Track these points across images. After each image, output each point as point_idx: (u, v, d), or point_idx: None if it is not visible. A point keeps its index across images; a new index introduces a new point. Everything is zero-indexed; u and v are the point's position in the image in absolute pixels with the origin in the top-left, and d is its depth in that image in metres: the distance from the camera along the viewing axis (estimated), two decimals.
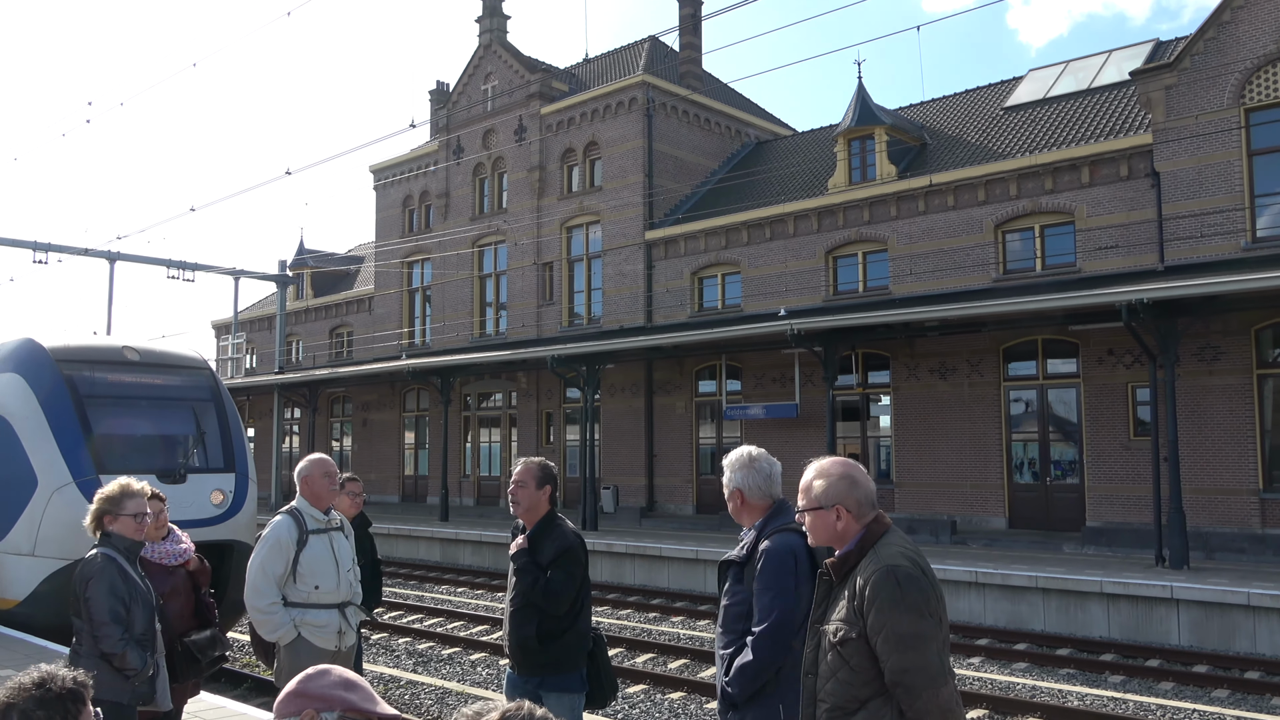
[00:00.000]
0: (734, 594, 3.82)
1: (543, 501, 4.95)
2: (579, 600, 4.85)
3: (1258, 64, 17.81)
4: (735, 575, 3.86)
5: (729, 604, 3.84)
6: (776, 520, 3.83)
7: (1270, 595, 12.34)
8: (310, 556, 5.38)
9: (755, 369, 24.50)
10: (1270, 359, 17.76)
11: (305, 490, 5.53)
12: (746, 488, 3.91)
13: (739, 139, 31.21)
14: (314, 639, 5.33)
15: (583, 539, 4.99)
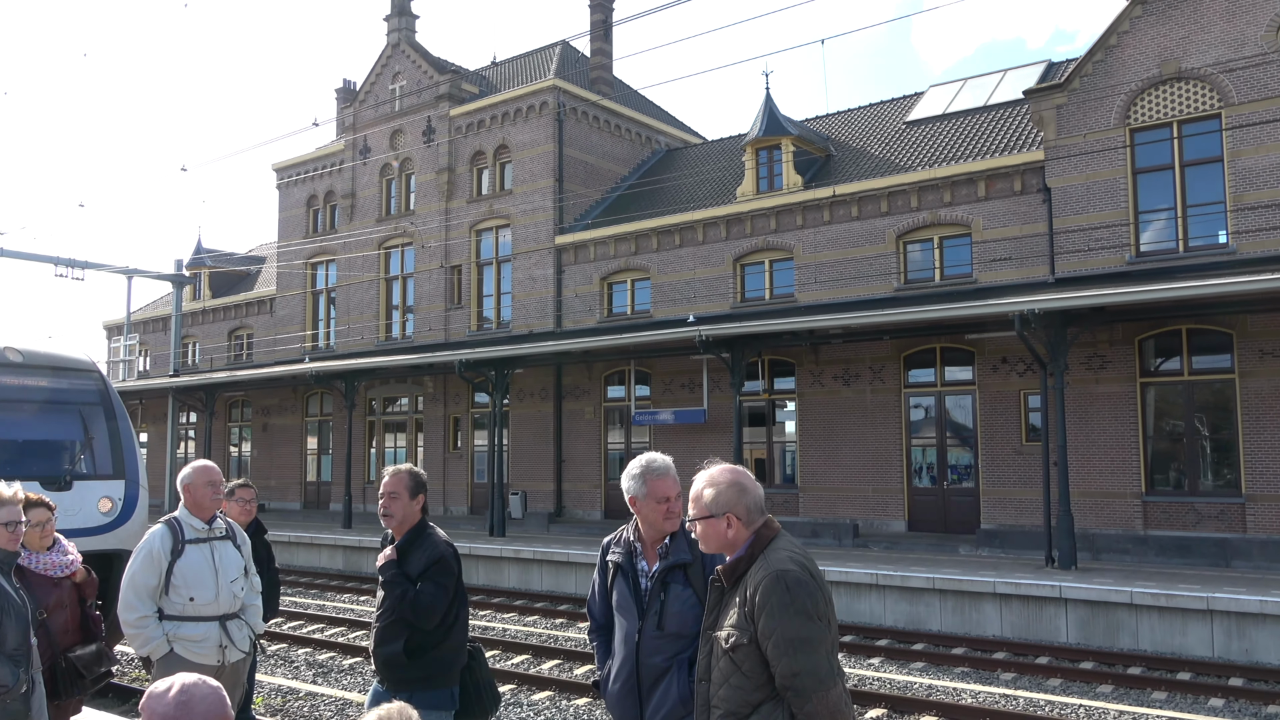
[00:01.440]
0: (684, 599, 3.79)
1: (415, 511, 4.79)
2: (452, 613, 4.71)
3: (1141, 87, 18.68)
4: (681, 579, 3.82)
5: (680, 609, 3.79)
6: None
7: (1151, 594, 12.93)
8: (186, 567, 5.16)
9: (664, 375, 24.66)
10: (1153, 368, 18.63)
11: (187, 499, 5.32)
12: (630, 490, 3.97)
13: (649, 146, 31.40)
14: (190, 654, 5.10)
15: (454, 548, 4.84)
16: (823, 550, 18.79)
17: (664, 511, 3.82)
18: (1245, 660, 12.13)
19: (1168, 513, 17.97)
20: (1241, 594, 12.62)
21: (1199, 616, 12.63)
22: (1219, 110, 17.92)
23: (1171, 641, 12.78)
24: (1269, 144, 17.33)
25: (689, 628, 3.73)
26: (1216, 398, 17.94)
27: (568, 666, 11.92)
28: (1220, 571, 15.53)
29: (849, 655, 12.64)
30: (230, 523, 5.62)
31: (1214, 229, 18.02)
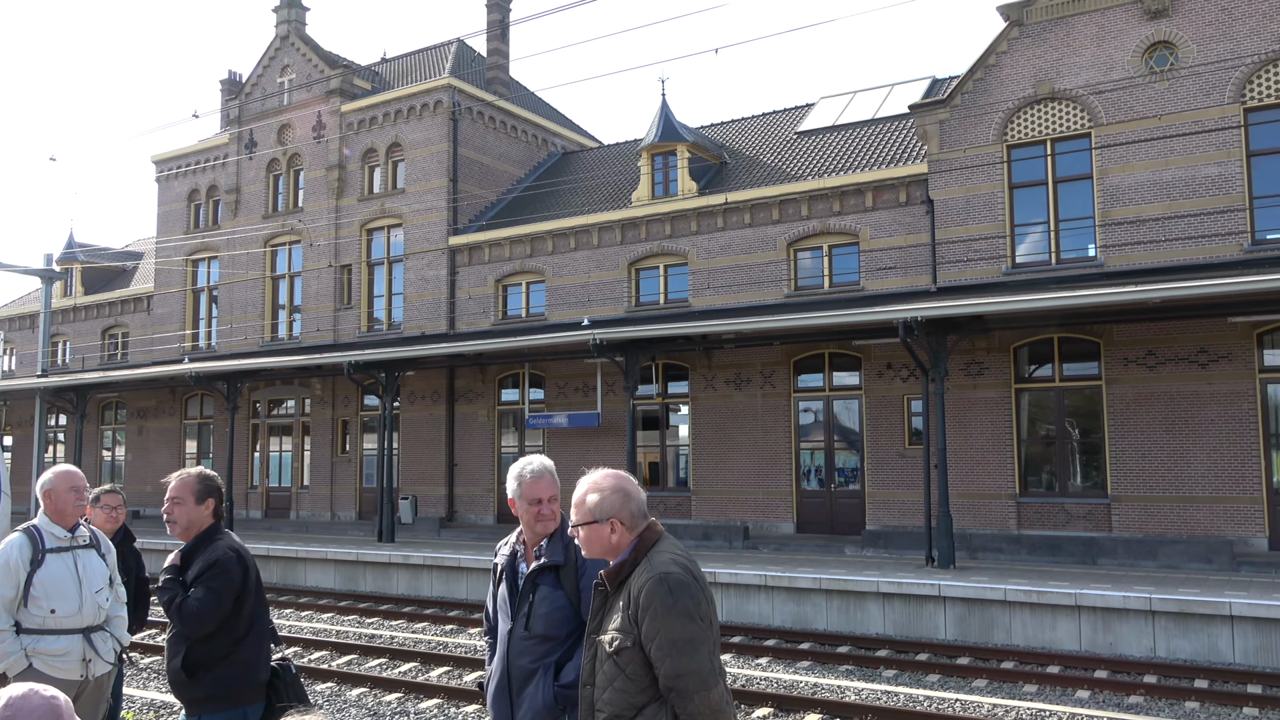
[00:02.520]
0: (553, 600, 3.79)
1: (204, 517, 4.49)
2: (242, 624, 4.33)
3: (1018, 105, 19.51)
4: (551, 581, 3.83)
5: (549, 610, 3.79)
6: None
7: (1023, 591, 13.49)
8: (46, 578, 4.90)
9: (558, 378, 24.61)
10: (1027, 375, 19.45)
11: (48, 505, 5.06)
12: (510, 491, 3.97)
13: (546, 148, 31.30)
14: (50, 669, 4.82)
15: (239, 554, 4.43)
16: (714, 552, 19.02)
17: (535, 514, 3.83)
18: (1110, 653, 12.76)
19: (1040, 513, 18.79)
20: (1107, 590, 13.27)
21: (1068, 612, 13.24)
22: (1089, 130, 18.85)
23: (1042, 636, 13.36)
24: (1135, 163, 18.30)
25: (556, 630, 3.74)
26: (1085, 403, 18.85)
27: (457, 673, 11.77)
28: (1088, 569, 16.30)
29: (738, 656, 12.82)
30: (95, 531, 5.37)
31: (1084, 243, 18.93)
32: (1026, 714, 9.56)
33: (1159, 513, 17.74)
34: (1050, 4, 19.35)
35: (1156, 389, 17.88)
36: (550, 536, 3.86)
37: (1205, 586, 13.67)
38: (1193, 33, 18.10)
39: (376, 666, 12.18)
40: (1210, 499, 17.35)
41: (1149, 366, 17.96)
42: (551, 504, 3.87)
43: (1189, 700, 10.38)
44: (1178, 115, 18.02)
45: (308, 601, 17.43)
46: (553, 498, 3.87)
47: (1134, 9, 18.59)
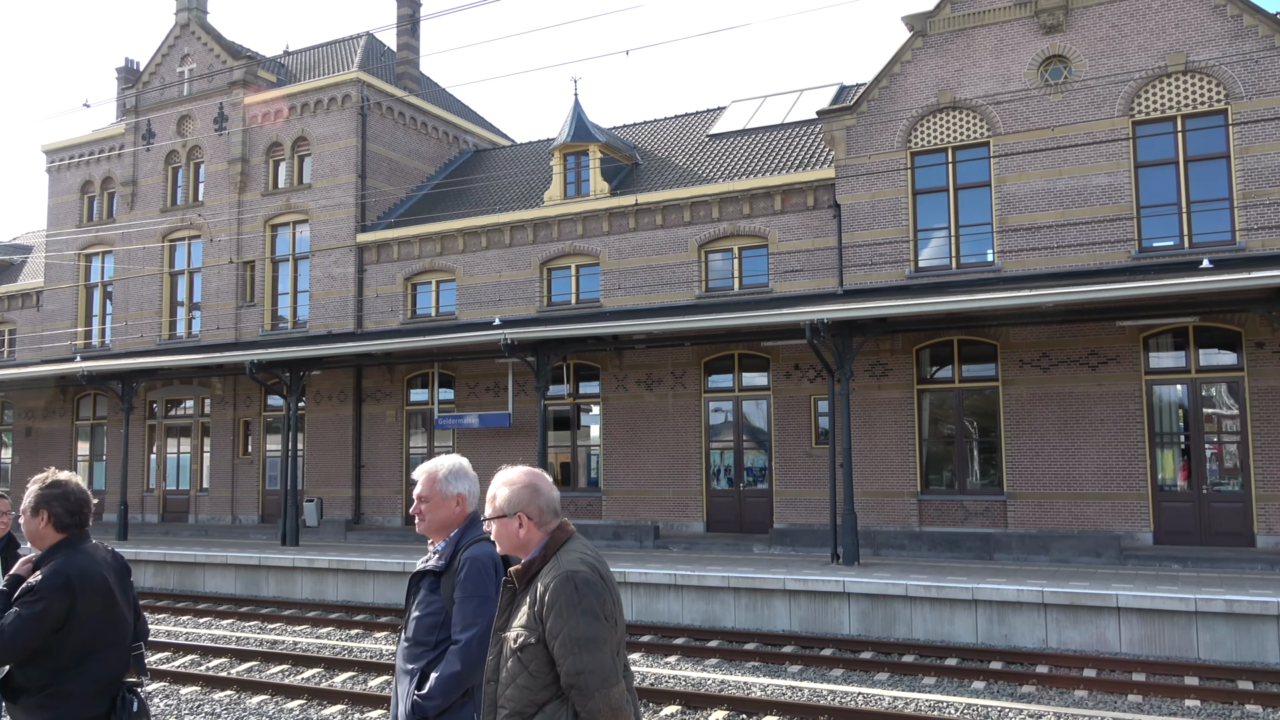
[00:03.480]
0: (429, 605, 3.78)
1: (45, 531, 4.02)
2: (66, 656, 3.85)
3: (922, 113, 20.05)
4: (431, 586, 3.81)
5: (422, 615, 3.78)
6: (474, 530, 3.85)
7: (924, 586, 13.88)
8: None
9: (469, 378, 24.38)
10: (929, 376, 20.00)
11: None
12: (470, 495, 3.91)
13: (457, 145, 30.98)
14: None
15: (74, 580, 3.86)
16: (625, 552, 19.08)
17: (414, 511, 3.88)
18: (1004, 645, 13.22)
19: (940, 510, 19.34)
20: (1002, 584, 13.74)
21: (965, 606, 13.66)
22: (988, 139, 19.47)
23: (942, 630, 13.76)
24: (1030, 172, 18.97)
25: (426, 636, 3.73)
26: (983, 403, 19.47)
27: (362, 678, 11.58)
28: (985, 564, 16.84)
29: (647, 655, 12.90)
30: None
31: (983, 248, 19.55)
32: (925, 705, 9.84)
33: (1052, 509, 18.43)
34: (952, 16, 19.94)
35: (1050, 390, 18.57)
36: (448, 540, 3.85)
37: (1094, 579, 14.26)
38: (1085, 48, 18.85)
39: (278, 673, 11.90)
40: (1099, 495, 18.09)
41: (1043, 368, 18.64)
42: (421, 503, 3.86)
43: (1078, 689, 10.81)
44: (1071, 127, 18.74)
45: (206, 608, 16.92)
46: (422, 497, 3.85)
47: (1031, 23, 19.28)
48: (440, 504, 3.84)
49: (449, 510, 3.85)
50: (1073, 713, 9.40)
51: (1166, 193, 18.25)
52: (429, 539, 3.94)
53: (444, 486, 3.85)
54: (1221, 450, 17.91)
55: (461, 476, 3.89)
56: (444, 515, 3.85)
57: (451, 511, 3.85)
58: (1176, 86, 18.20)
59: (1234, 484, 17.60)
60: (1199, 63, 17.95)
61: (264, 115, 27.97)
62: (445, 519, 3.85)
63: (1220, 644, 12.34)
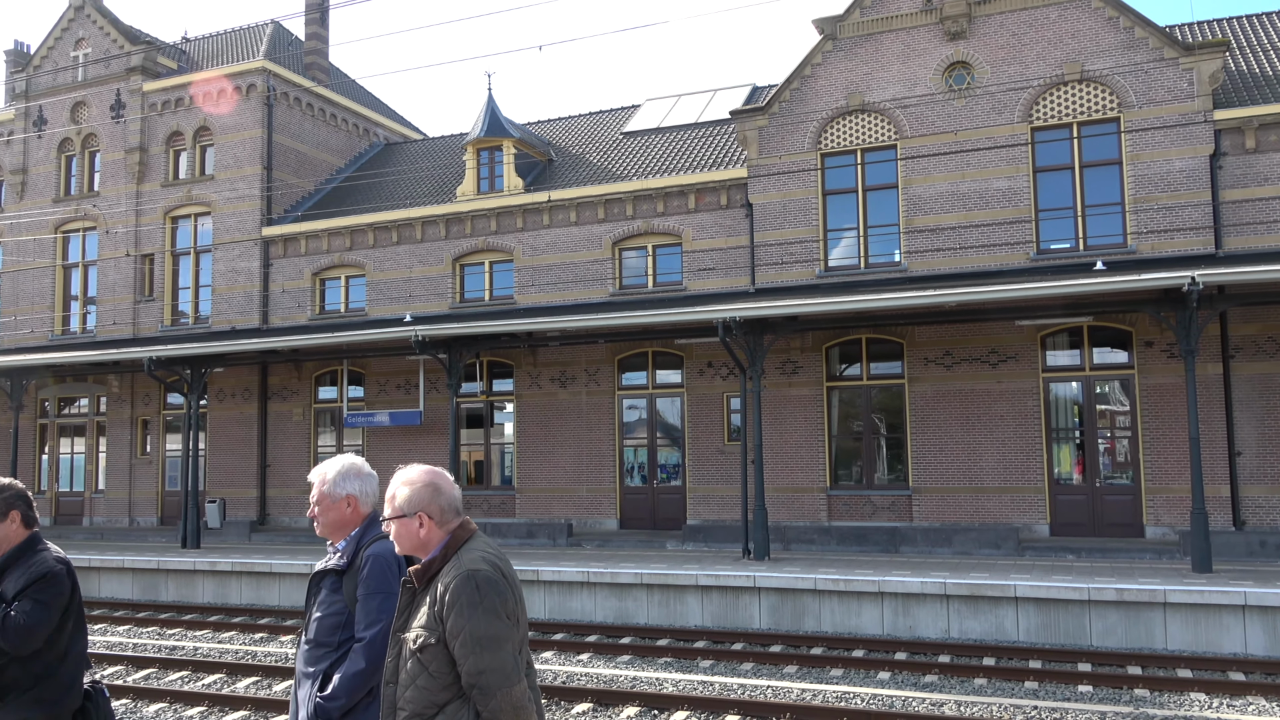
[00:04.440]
0: (330, 605, 3.74)
1: (15, 531, 4.18)
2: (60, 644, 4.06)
3: (831, 116, 20.41)
4: (332, 585, 3.77)
5: (324, 615, 3.74)
6: (375, 529, 3.81)
7: (832, 580, 14.14)
8: None
9: (379, 375, 23.98)
10: (838, 373, 20.38)
11: None
12: (362, 494, 3.85)
13: (367, 138, 30.42)
14: None
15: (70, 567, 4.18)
16: (538, 550, 19.00)
17: (310, 513, 3.85)
18: (909, 636, 13.55)
19: (849, 505, 19.73)
20: (907, 577, 14.08)
21: (872, 599, 13.97)
22: (895, 141, 19.92)
23: (849, 622, 14.04)
24: (935, 175, 19.47)
25: (328, 637, 3.70)
26: (890, 400, 19.92)
27: (266, 683, 11.29)
28: (891, 557, 17.24)
29: (559, 653, 12.87)
30: None
31: (890, 248, 20.00)
32: (832, 696, 10.02)
33: (955, 503, 18.96)
34: (861, 20, 20.33)
35: (953, 387, 19.10)
36: (349, 539, 3.80)
37: (994, 571, 14.72)
38: (987, 55, 19.42)
39: (177, 680, 11.54)
40: (999, 489, 18.68)
41: (946, 366, 19.16)
42: (315, 506, 3.82)
43: (978, 677, 11.15)
44: (973, 131, 19.29)
45: (102, 614, 16.30)
46: (315, 500, 3.83)
47: (936, 30, 19.78)
48: (331, 506, 3.81)
49: (340, 512, 3.81)
50: (972, 700, 9.69)
51: (1063, 197, 18.92)
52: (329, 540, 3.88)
53: (333, 488, 3.81)
54: (1114, 445, 18.67)
55: (352, 477, 3.85)
56: (335, 517, 3.81)
57: (343, 513, 3.81)
58: (1073, 95, 18.88)
59: (1125, 477, 18.36)
60: (1094, 72, 18.65)
61: (164, 103, 27.03)
62: (337, 520, 3.82)
63: (1112, 631, 12.86)
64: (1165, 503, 17.72)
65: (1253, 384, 17.42)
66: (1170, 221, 17.95)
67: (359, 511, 3.83)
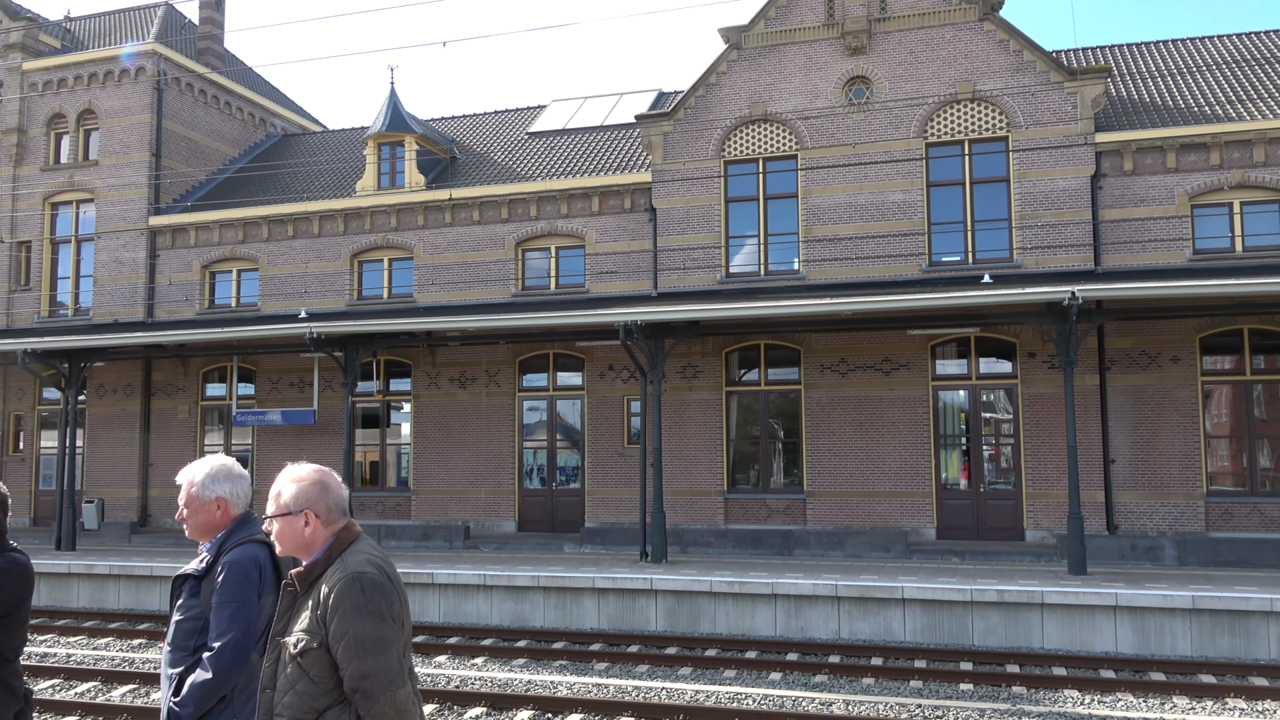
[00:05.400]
0: (189, 609, 3.66)
1: None
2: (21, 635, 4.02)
3: (735, 124, 20.69)
4: (192, 590, 3.69)
5: (181, 619, 3.66)
6: (241, 532, 3.71)
7: (727, 582, 14.32)
8: None
9: (271, 372, 23.31)
10: (737, 378, 20.66)
11: None
12: (233, 497, 3.75)
13: (264, 128, 29.56)
14: None
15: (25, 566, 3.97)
16: (433, 553, 18.75)
17: (178, 515, 3.77)
18: (801, 637, 13.82)
19: (745, 508, 20.02)
20: (800, 579, 14.36)
21: (766, 600, 14.20)
22: (796, 152, 20.31)
23: (743, 624, 14.24)
24: (834, 186, 19.92)
25: (185, 641, 3.63)
26: (788, 405, 20.29)
27: (144, 691, 10.87)
28: (785, 560, 17.56)
29: (453, 657, 12.72)
30: None
31: (789, 257, 20.38)
32: (725, 697, 10.15)
33: (848, 507, 19.41)
34: (765, 32, 20.67)
35: (847, 394, 19.55)
36: (213, 542, 3.71)
37: (883, 573, 15.12)
38: (886, 71, 19.96)
39: (48, 689, 11.01)
40: (890, 494, 19.20)
41: (841, 373, 19.61)
42: (184, 506, 3.74)
43: (866, 677, 11.44)
44: (871, 145, 19.81)
45: None
46: (183, 501, 3.74)
47: (837, 44, 20.24)
48: (199, 508, 3.72)
49: (209, 514, 3.73)
50: (860, 700, 9.93)
51: (954, 211, 19.57)
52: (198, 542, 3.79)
53: (202, 490, 3.73)
54: (998, 452, 19.38)
55: (222, 479, 3.75)
56: (204, 519, 3.73)
57: (212, 515, 3.73)
58: (965, 113, 19.56)
59: (1008, 483, 19.08)
60: (985, 92, 19.35)
61: (45, 83, 25.79)
62: (206, 523, 3.73)
63: (992, 631, 13.35)
64: (1045, 508, 18.47)
65: (1126, 395, 18.31)
66: (1053, 238, 18.74)
67: (229, 514, 3.74)
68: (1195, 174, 18.41)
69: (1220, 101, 19.53)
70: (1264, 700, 10.39)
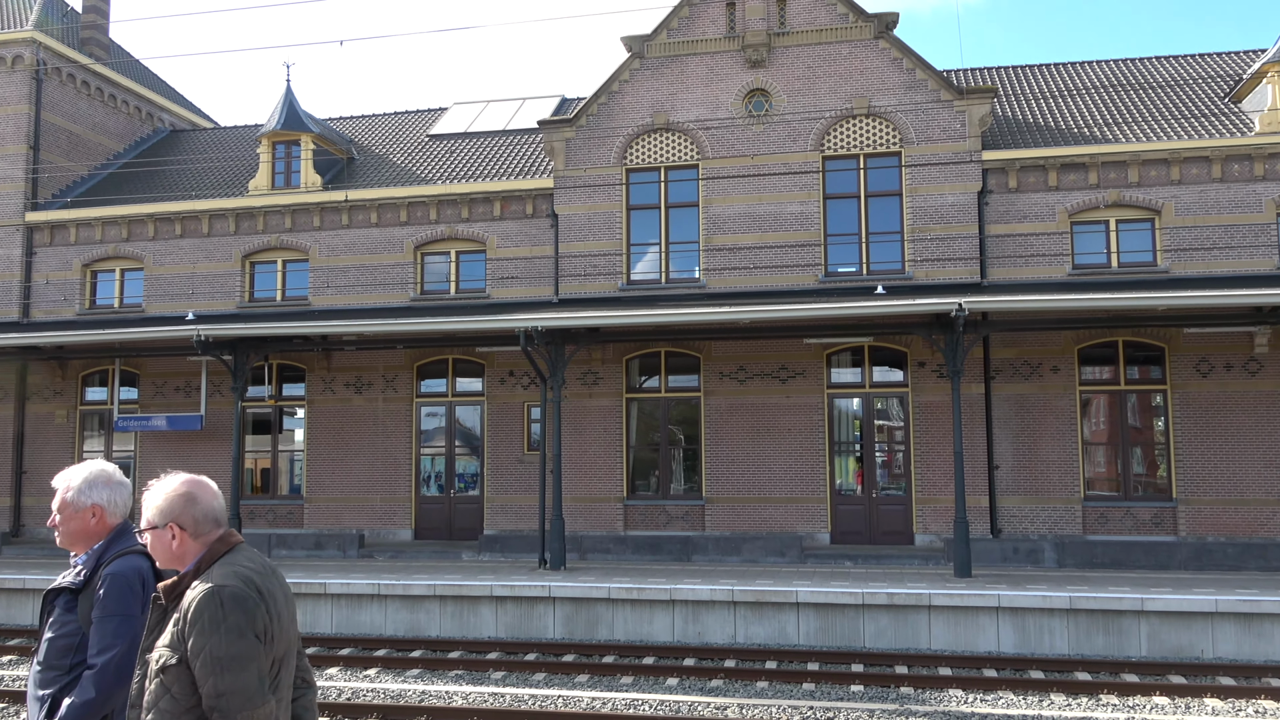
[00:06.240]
0: (63, 625, 3.48)
1: None
2: None
3: (637, 132, 20.82)
4: (67, 604, 3.50)
5: (55, 637, 3.47)
6: (120, 543, 3.57)
7: (626, 588, 14.37)
8: None
9: (156, 376, 22.46)
10: (638, 385, 20.76)
11: None
12: (110, 504, 3.59)
13: (151, 123, 28.48)
14: None
15: None
16: (327, 562, 18.32)
17: (50, 522, 3.63)
18: (698, 642, 13.95)
19: (644, 515, 20.11)
20: (697, 585, 14.50)
21: (664, 606, 14.29)
22: (697, 161, 20.54)
23: (641, 630, 14.30)
24: (734, 196, 20.21)
25: (60, 660, 3.47)
26: (687, 412, 20.47)
27: (14, 710, 10.33)
28: (683, 565, 17.70)
29: (345, 669, 12.45)
30: None
31: (690, 265, 20.58)
32: (622, 704, 10.18)
33: (745, 512, 19.68)
34: (668, 42, 20.87)
35: (746, 401, 19.84)
36: (90, 553, 3.56)
37: (779, 578, 15.38)
38: (784, 85, 20.36)
39: None
40: (786, 499, 19.54)
41: (740, 380, 19.89)
42: (57, 513, 3.59)
43: (760, 680, 11.61)
44: (770, 156, 20.17)
45: None
46: (57, 508, 3.59)
47: (738, 57, 20.56)
48: (73, 515, 3.56)
49: (84, 522, 3.56)
50: (754, 703, 10.08)
51: (849, 223, 20.06)
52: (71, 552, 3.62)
53: (77, 496, 3.56)
54: (891, 458, 19.92)
55: (100, 485, 3.60)
56: (77, 527, 3.57)
57: (87, 524, 3.56)
58: (860, 128, 20.08)
59: (899, 488, 19.62)
60: (879, 108, 19.90)
61: None
62: (79, 531, 3.57)
63: (883, 633, 13.71)
64: (933, 512, 19.05)
65: (1010, 403, 19.04)
66: (943, 251, 19.37)
67: (105, 523, 3.57)
68: (1075, 192, 19.28)
69: (1099, 123, 20.50)
70: (1134, 696, 10.92)
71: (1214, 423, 18.32)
